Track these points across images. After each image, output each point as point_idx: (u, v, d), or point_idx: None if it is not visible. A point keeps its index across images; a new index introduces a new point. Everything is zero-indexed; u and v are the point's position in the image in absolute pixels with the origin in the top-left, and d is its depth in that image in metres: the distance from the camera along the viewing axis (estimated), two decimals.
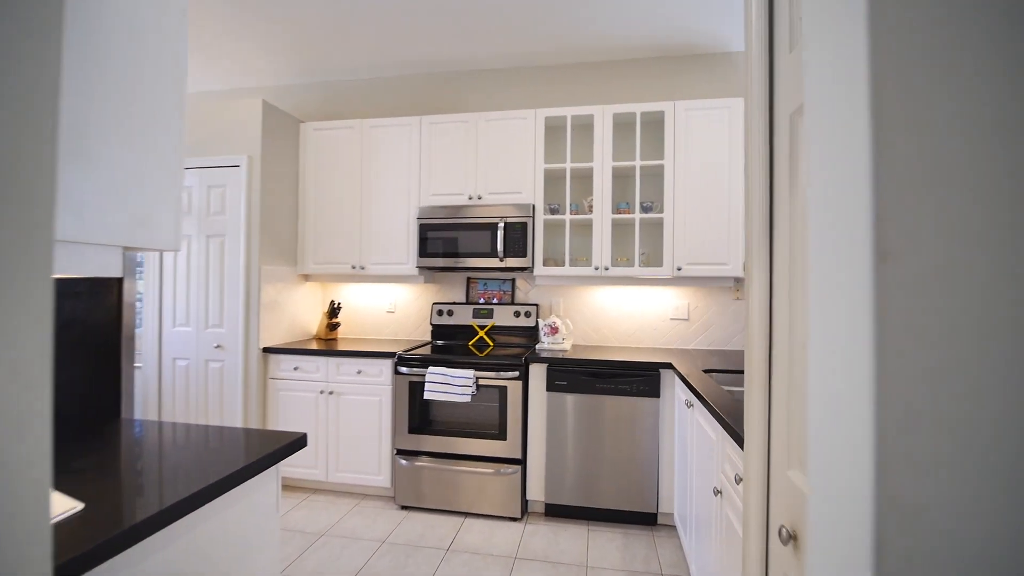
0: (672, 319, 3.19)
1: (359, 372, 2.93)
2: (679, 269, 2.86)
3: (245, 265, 3.02)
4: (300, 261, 3.38)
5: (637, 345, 3.22)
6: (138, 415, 4.25)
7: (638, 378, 2.59)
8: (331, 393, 2.96)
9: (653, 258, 3.14)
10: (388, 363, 2.89)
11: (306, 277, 3.48)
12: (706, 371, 2.33)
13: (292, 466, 3.02)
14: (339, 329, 3.59)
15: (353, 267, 3.27)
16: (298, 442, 1.30)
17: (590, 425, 2.63)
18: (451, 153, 3.14)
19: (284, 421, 3.03)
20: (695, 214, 2.86)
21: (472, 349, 3.05)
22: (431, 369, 2.74)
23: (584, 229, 3.26)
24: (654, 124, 3.12)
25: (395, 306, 3.57)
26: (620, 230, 3.20)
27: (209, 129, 3.11)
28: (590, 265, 3.11)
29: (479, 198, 3.09)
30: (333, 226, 3.32)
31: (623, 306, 3.25)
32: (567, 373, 2.66)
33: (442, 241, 3.06)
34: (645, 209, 2.97)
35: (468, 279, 3.45)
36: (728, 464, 1.51)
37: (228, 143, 3.09)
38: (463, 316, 3.32)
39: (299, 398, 3.01)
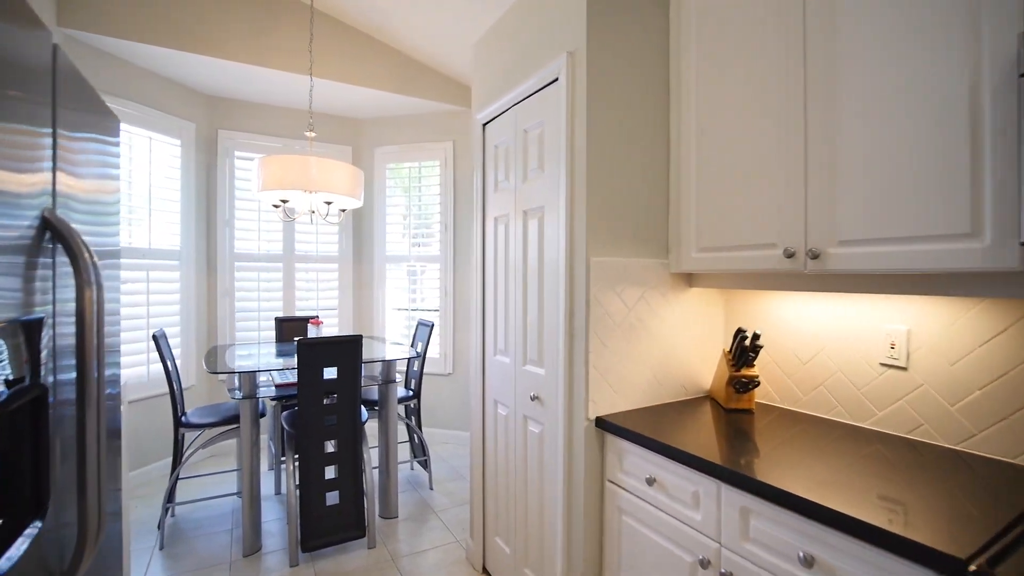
0: None
1: (805, 559, 0.99)
2: None
3: (567, 256, 1.61)
4: (674, 247, 1.72)
5: None
6: (461, 462, 2.86)
7: None
8: (726, 575, 1.15)
9: None
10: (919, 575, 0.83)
11: (688, 280, 1.78)
12: None
13: None
14: (756, 390, 1.70)
15: (787, 253, 1.34)
16: None
17: None
18: None
19: None
20: None
21: None
22: None
23: None
24: None
25: (903, 351, 1.37)
26: None
27: (522, 40, 1.89)
28: None
29: None
30: (738, 172, 1.48)
31: None
32: None
33: None
34: None
35: None
36: None
37: (542, 47, 1.77)
38: None
39: (657, 550, 1.35)
